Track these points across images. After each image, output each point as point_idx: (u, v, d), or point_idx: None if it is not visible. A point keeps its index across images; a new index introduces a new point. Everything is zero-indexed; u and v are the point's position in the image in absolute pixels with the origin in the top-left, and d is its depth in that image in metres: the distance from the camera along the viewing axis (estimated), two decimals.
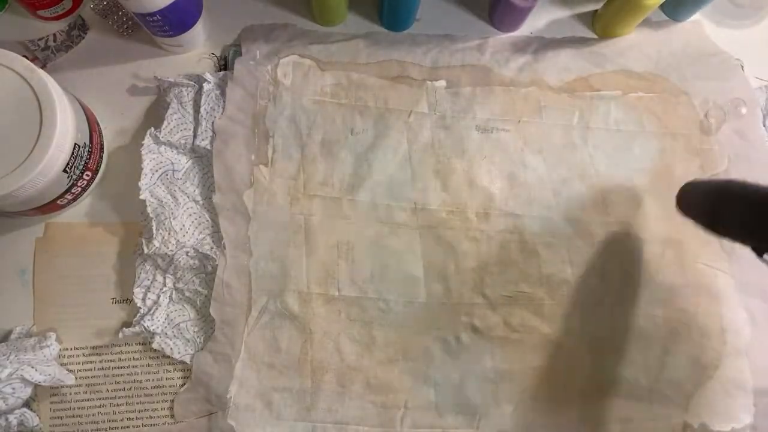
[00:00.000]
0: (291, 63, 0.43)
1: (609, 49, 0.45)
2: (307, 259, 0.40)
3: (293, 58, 0.43)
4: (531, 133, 0.43)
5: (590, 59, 0.45)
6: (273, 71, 0.43)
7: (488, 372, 0.39)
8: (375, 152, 0.42)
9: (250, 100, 0.42)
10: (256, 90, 0.42)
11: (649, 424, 0.39)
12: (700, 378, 0.40)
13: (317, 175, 0.42)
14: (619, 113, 0.44)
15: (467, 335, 0.39)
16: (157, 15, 0.37)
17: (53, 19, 0.42)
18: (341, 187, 0.41)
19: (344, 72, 0.44)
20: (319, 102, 0.43)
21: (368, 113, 0.43)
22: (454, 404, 0.39)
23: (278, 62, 0.43)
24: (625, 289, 0.41)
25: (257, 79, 0.42)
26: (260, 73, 0.42)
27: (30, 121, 0.33)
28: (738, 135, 0.44)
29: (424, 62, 0.44)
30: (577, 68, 0.45)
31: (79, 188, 0.38)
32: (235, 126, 0.41)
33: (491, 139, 0.43)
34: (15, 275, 0.39)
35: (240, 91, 0.42)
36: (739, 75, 0.45)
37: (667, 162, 0.43)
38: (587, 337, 0.40)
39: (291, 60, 0.43)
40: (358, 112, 0.43)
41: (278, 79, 0.43)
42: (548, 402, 0.39)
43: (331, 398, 0.38)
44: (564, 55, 0.45)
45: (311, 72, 0.43)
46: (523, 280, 0.40)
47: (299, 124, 0.42)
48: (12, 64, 0.33)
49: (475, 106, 0.43)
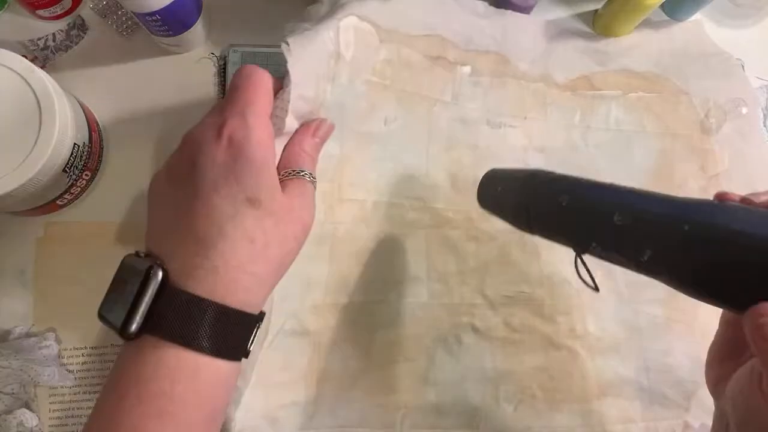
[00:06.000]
0: (352, 29, 0.36)
1: (612, 48, 0.45)
2: (328, 270, 0.38)
3: (353, 21, 0.36)
4: (535, 130, 0.43)
5: (594, 57, 0.45)
6: (335, 39, 0.35)
7: (488, 372, 0.39)
8: (400, 145, 0.40)
9: (312, 82, 0.33)
10: (319, 68, 0.34)
11: (650, 424, 0.39)
12: (700, 378, 0.40)
13: (350, 174, 0.38)
14: (620, 113, 0.44)
15: (468, 335, 0.39)
16: (156, 15, 0.37)
17: (53, 18, 0.42)
18: (367, 188, 0.39)
19: (397, 46, 0.39)
20: (369, 83, 0.38)
21: (404, 99, 0.40)
22: (455, 404, 0.39)
23: (338, 27, 0.35)
24: (625, 289, 0.41)
25: (319, 51, 0.34)
26: (322, 42, 0.34)
27: (29, 121, 0.32)
28: (739, 135, 0.44)
29: (459, 42, 0.42)
30: (581, 65, 0.44)
31: (79, 188, 0.38)
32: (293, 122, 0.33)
33: (499, 134, 0.42)
34: (15, 275, 0.39)
35: (301, 69, 0.32)
36: (739, 75, 0.45)
37: (668, 162, 0.43)
38: (588, 337, 0.40)
39: (351, 24, 0.36)
40: (395, 97, 0.39)
41: (341, 51, 0.35)
42: (548, 402, 0.39)
43: (334, 403, 0.37)
44: (572, 49, 0.44)
45: (371, 43, 0.37)
46: (524, 280, 0.40)
47: (346, 113, 0.37)
48: (11, 64, 0.33)
49: (490, 98, 0.42)
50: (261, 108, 0.29)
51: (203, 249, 0.27)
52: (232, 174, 0.28)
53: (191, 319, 0.26)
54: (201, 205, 0.27)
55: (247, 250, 0.27)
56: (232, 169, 0.28)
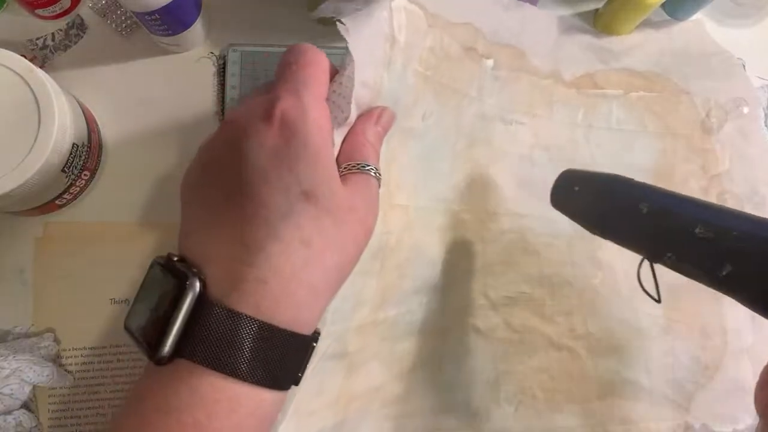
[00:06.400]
0: (403, 10, 0.32)
1: (616, 46, 0.45)
2: (376, 285, 0.34)
3: (403, 2, 0.32)
4: (541, 128, 0.42)
5: (599, 54, 0.44)
6: (389, 20, 0.31)
7: (489, 373, 0.39)
8: (432, 142, 0.37)
9: (371, 67, 0.30)
10: (376, 51, 0.30)
11: (651, 424, 0.39)
12: (701, 378, 0.40)
13: (396, 176, 0.34)
14: (621, 112, 0.44)
15: (470, 337, 0.39)
16: (155, 14, 0.36)
17: (52, 18, 0.42)
18: (408, 192, 0.35)
19: (440, 33, 0.35)
20: (416, 73, 0.34)
21: (440, 93, 0.36)
22: (456, 406, 0.38)
23: (390, 7, 0.31)
24: (626, 290, 0.41)
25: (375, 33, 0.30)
26: (377, 22, 0.30)
27: (28, 121, 0.32)
28: (740, 134, 0.44)
29: (487, 33, 0.39)
30: (587, 61, 0.44)
31: (78, 188, 0.38)
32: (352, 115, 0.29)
33: (510, 132, 0.41)
34: (14, 275, 0.39)
35: (363, 51, 0.29)
36: (740, 74, 0.45)
37: (669, 162, 0.43)
38: (588, 337, 0.40)
39: (402, 5, 0.32)
40: (433, 90, 0.36)
41: (395, 34, 0.31)
42: (549, 403, 0.39)
43: (353, 422, 0.35)
44: (579, 45, 0.44)
45: (419, 27, 0.34)
46: (524, 280, 0.40)
47: (398, 107, 0.32)
48: (10, 63, 0.33)
49: (505, 93, 0.41)
50: (318, 90, 0.25)
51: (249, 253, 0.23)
52: (285, 161, 0.23)
53: (233, 342, 0.21)
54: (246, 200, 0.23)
55: (302, 256, 0.23)
56: (285, 155, 0.23)
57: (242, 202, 0.23)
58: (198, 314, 0.22)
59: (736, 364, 0.40)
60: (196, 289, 0.22)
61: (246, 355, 0.22)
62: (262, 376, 0.22)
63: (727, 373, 0.40)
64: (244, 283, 0.22)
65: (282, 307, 0.23)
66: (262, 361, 0.22)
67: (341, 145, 0.28)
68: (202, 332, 0.22)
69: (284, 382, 0.24)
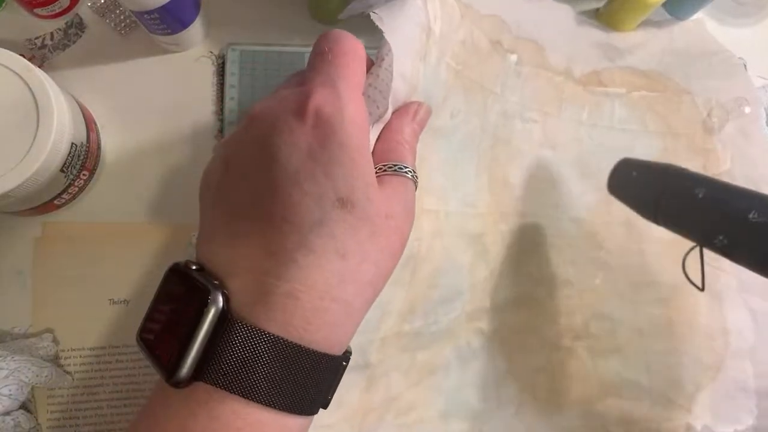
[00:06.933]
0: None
1: (622, 44, 0.44)
2: (404, 296, 0.32)
3: None
4: (551, 126, 0.41)
5: (607, 51, 0.44)
6: (425, 9, 0.29)
7: (491, 374, 0.39)
8: (459, 142, 0.35)
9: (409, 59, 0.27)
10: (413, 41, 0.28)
11: (651, 425, 0.39)
12: (702, 379, 0.40)
13: (426, 178, 0.32)
14: (623, 111, 0.43)
15: (476, 339, 0.38)
16: (154, 13, 0.36)
17: (50, 17, 0.42)
18: (438, 195, 0.33)
19: (470, 26, 0.34)
20: (448, 68, 0.32)
21: (468, 89, 0.34)
22: (459, 409, 0.38)
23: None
24: (626, 290, 0.41)
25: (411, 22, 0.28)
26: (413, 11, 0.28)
27: (27, 121, 0.32)
28: (741, 134, 0.44)
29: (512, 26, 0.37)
30: (595, 58, 0.43)
31: (77, 188, 0.38)
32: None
33: (526, 130, 0.39)
34: (12, 275, 0.39)
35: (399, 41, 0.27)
36: (742, 74, 0.45)
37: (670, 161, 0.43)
38: (589, 338, 0.40)
39: None
40: (462, 86, 0.34)
41: (431, 24, 0.29)
42: (550, 403, 0.39)
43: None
44: (588, 41, 0.43)
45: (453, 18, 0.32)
46: (525, 280, 0.40)
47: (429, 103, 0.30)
48: (9, 63, 0.33)
49: (526, 90, 0.39)
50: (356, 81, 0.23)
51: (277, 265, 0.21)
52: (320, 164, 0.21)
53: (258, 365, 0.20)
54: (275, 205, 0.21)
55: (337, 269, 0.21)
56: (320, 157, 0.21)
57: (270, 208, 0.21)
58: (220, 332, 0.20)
59: (738, 365, 0.40)
60: (219, 304, 0.20)
61: (272, 379, 0.20)
62: (289, 402, 0.20)
63: (728, 374, 0.40)
64: (271, 297, 0.20)
65: (314, 326, 0.21)
66: (290, 386, 0.20)
67: (375, 143, 0.26)
68: (224, 353, 0.20)
69: (312, 406, 0.22)
